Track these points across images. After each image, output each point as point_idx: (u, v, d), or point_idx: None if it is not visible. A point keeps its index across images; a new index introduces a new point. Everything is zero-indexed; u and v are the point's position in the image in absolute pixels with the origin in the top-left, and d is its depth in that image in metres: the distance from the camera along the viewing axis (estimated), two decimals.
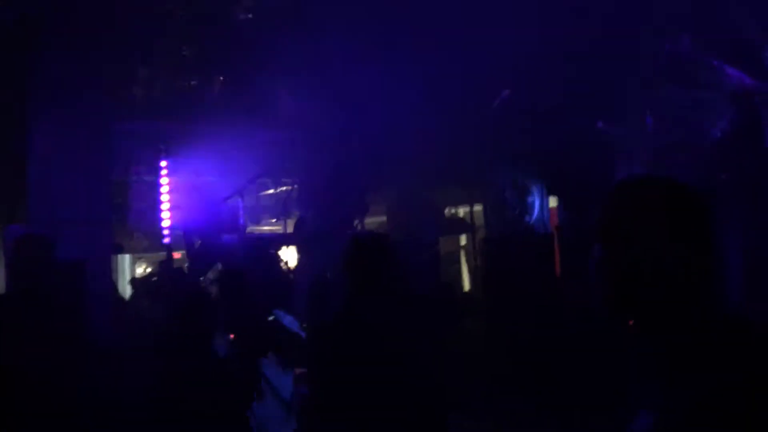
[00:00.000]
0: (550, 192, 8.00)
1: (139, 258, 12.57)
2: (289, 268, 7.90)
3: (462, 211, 10.40)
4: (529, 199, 8.29)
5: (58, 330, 3.81)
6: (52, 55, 7.37)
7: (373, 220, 9.88)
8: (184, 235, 8.42)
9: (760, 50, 5.94)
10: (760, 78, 5.80)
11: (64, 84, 7.36)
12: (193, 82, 9.51)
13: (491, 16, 6.86)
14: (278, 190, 9.31)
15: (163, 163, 8.64)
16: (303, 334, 4.35)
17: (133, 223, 9.28)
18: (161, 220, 8.39)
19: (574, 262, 6.63)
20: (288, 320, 4.28)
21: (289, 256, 8.39)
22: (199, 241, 8.40)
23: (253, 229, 8.54)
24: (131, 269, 12.35)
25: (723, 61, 5.94)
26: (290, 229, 8.80)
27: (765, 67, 5.83)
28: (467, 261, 10.46)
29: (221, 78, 9.54)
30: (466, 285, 10.78)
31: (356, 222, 7.83)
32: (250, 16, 8.66)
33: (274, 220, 9.51)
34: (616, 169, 6.89)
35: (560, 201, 7.95)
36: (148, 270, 12.04)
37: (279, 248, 8.00)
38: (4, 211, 7.47)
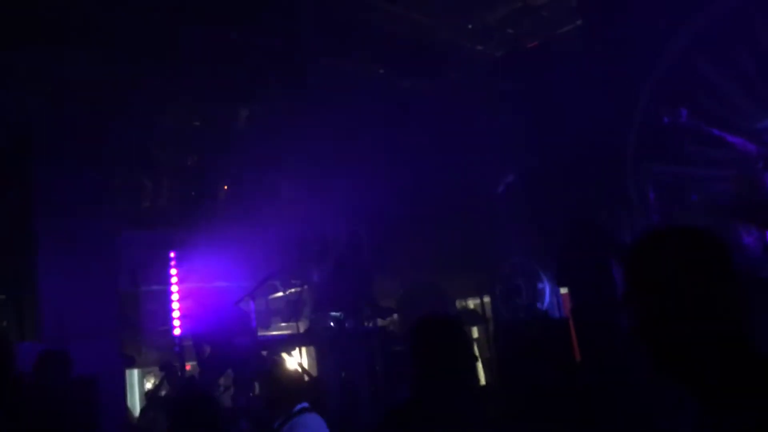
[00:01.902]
0: (560, 281, 7.99)
1: (149, 372, 12.37)
2: (304, 369, 7.76)
3: (472, 302, 10.32)
4: (540, 285, 8.25)
5: None
6: (55, 173, 7.54)
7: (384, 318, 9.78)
8: (194, 342, 8.34)
9: (753, 121, 6.08)
10: (760, 145, 5.90)
11: (68, 200, 7.50)
12: (197, 190, 9.67)
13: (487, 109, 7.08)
14: (288, 292, 9.28)
15: (173, 272, 8.65)
16: None
17: (142, 335, 9.21)
18: (172, 329, 8.33)
19: (593, 344, 6.52)
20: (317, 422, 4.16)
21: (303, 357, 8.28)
22: (209, 348, 8.30)
23: (264, 333, 8.45)
24: (141, 384, 12.14)
25: (722, 131, 6.07)
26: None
27: (761, 137, 5.95)
28: (481, 353, 10.28)
29: (225, 185, 9.71)
30: (482, 378, 10.56)
31: (367, 319, 7.75)
32: (248, 124, 8.91)
33: (284, 324, 9.43)
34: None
35: (570, 285, 7.92)
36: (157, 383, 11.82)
37: (293, 350, 7.90)
38: (14, 327, 7.43)
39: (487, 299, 9.34)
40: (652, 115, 6.79)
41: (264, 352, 7.73)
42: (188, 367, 9.27)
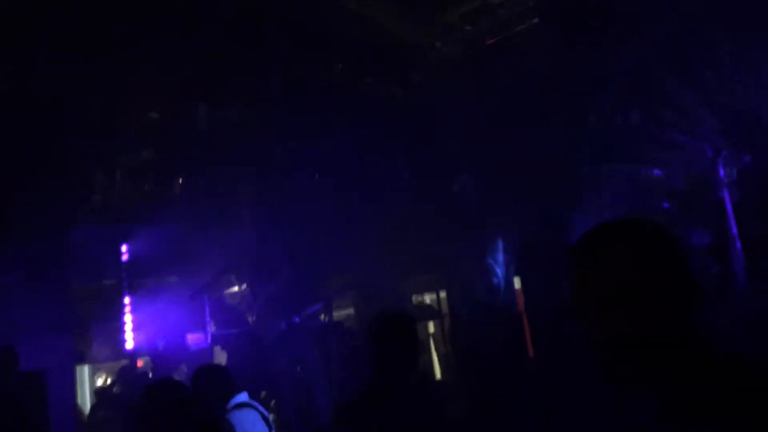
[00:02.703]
0: (516, 272, 8.08)
1: (99, 368, 12.14)
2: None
3: (429, 297, 10.38)
4: (495, 281, 8.34)
5: None
6: (3, 165, 7.35)
7: (341, 313, 9.80)
8: (147, 339, 8.22)
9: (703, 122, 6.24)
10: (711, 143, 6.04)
11: (18, 192, 7.32)
12: (152, 185, 9.51)
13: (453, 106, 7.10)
14: (244, 287, 9.20)
15: (125, 266, 8.51)
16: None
17: (94, 331, 9.03)
18: (123, 324, 8.19)
19: (545, 340, 6.62)
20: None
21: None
22: (162, 344, 8.19)
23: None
24: (91, 380, 11.90)
25: (677, 133, 6.20)
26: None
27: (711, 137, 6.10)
28: (437, 348, 10.36)
29: (180, 179, 9.57)
30: (438, 372, 10.64)
31: (323, 314, 7.76)
32: (207, 121, 8.81)
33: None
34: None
35: (524, 281, 8.02)
36: (109, 380, 11.61)
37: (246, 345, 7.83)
38: None
39: (443, 294, 9.42)
40: (606, 117, 6.92)
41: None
42: (140, 363, 9.13)
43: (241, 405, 3.99)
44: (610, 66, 6.85)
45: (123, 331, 8.23)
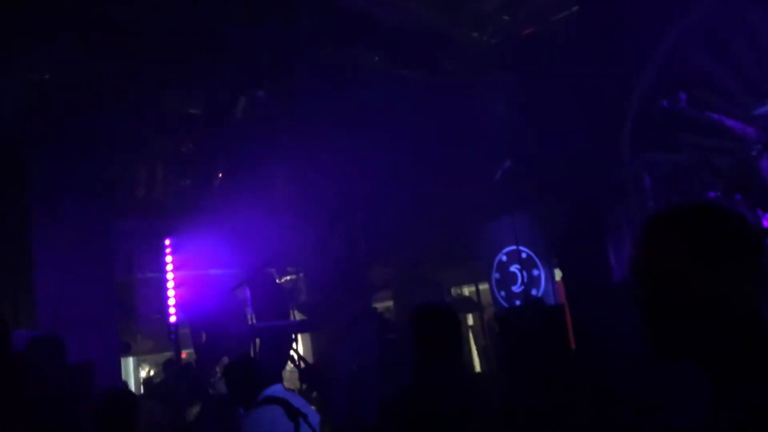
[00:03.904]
0: (557, 264, 8.00)
1: (144, 360, 12.39)
2: (300, 357, 7.78)
3: (467, 290, 10.35)
4: (535, 272, 8.27)
5: None
6: (48, 163, 7.51)
7: (381, 305, 9.81)
8: (191, 330, 8.34)
9: (750, 108, 6.09)
10: (759, 130, 5.91)
11: (62, 190, 7.48)
12: (192, 179, 9.64)
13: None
14: (283, 280, 9.29)
15: (168, 259, 8.64)
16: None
17: (138, 322, 9.20)
18: (168, 316, 8.32)
19: (588, 331, 6.54)
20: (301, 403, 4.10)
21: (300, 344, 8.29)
22: (205, 335, 8.30)
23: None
24: (135, 372, 12.14)
25: (720, 116, 6.07)
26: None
27: (758, 122, 5.95)
28: (476, 340, 10.33)
29: (220, 173, 9.68)
30: (477, 365, 10.61)
31: (366, 307, 7.78)
32: (245, 112, 8.87)
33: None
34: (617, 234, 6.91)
35: (564, 272, 7.94)
36: (152, 372, 11.83)
37: (289, 337, 7.90)
38: (10, 317, 7.41)
39: (483, 286, 9.37)
40: (649, 102, 6.79)
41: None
42: (184, 354, 9.27)
43: (268, 400, 3.87)
44: (651, 50, 6.72)
45: (166, 324, 8.36)
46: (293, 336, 7.90)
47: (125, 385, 7.69)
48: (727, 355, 1.29)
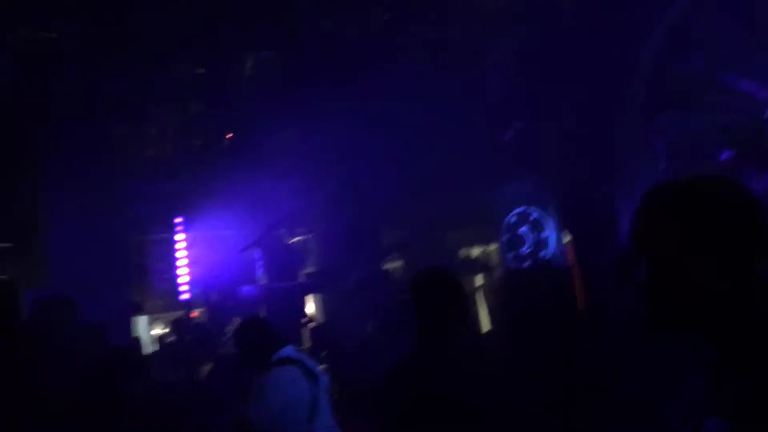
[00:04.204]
0: (564, 226, 7.99)
1: (156, 319, 12.53)
2: (309, 318, 7.86)
3: (476, 251, 10.35)
4: (544, 234, 8.27)
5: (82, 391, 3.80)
6: (59, 126, 7.53)
7: (390, 265, 9.85)
8: (202, 290, 8.44)
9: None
10: None
11: (75, 150, 7.51)
12: (202, 140, 9.64)
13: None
14: (293, 241, 9.34)
15: (178, 220, 8.69)
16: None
17: (150, 282, 9.31)
18: (178, 276, 8.41)
19: (597, 293, 6.55)
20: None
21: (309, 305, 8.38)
22: (216, 296, 8.40)
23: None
24: (148, 330, 12.28)
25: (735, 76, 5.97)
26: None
27: None
28: (486, 301, 10.38)
29: (230, 133, 9.67)
30: (486, 326, 10.66)
31: (377, 268, 7.81)
32: (253, 72, 8.81)
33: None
34: (628, 199, 6.87)
35: (574, 233, 7.92)
36: (166, 330, 11.97)
37: (300, 298, 7.97)
38: (24, 277, 7.52)
39: (492, 247, 9.37)
40: (662, 62, 6.68)
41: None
42: (196, 313, 9.38)
43: (284, 360, 3.92)
44: (665, 7, 6.59)
45: (177, 284, 8.46)
46: (303, 297, 7.96)
47: (137, 341, 7.79)
48: (733, 327, 1.29)
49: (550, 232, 8.23)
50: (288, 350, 4.02)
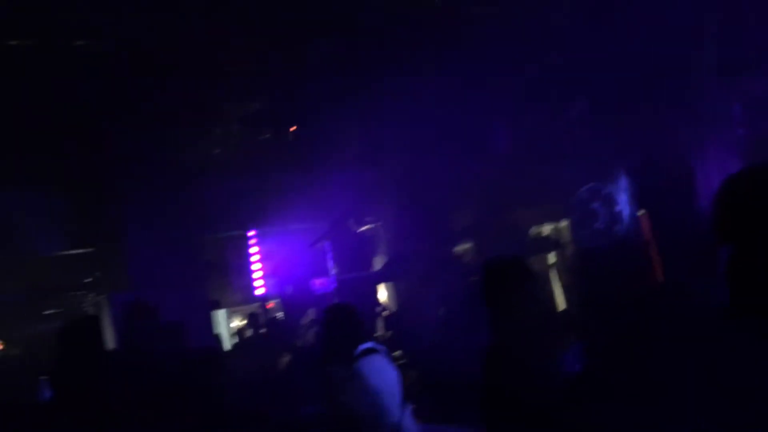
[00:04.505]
0: (639, 200, 7.76)
1: (234, 312, 12.81)
2: (383, 307, 7.90)
3: (547, 228, 10.18)
4: (617, 209, 8.05)
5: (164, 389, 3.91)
6: (131, 128, 7.73)
7: (460, 248, 9.79)
8: (276, 284, 8.58)
9: None
10: None
11: (148, 155, 7.70)
12: (266, 134, 9.73)
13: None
14: (362, 230, 9.37)
15: (250, 217, 8.85)
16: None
17: (226, 278, 9.51)
18: (253, 272, 8.58)
19: (676, 267, 6.37)
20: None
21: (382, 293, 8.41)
22: (291, 289, 8.53)
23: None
24: (226, 323, 12.57)
25: None
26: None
27: None
28: (560, 279, 10.22)
29: (294, 127, 9.73)
30: (561, 304, 10.50)
31: (448, 252, 7.77)
32: (313, 63, 8.82)
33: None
34: (705, 168, 6.62)
35: (648, 207, 7.70)
36: (243, 323, 12.25)
37: (373, 287, 8.01)
38: (106, 278, 7.82)
39: (563, 224, 9.19)
40: (737, 22, 6.39)
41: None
42: (271, 305, 9.55)
43: (370, 350, 3.91)
44: None
45: (252, 279, 8.62)
46: (375, 286, 8.00)
47: (218, 339, 7.99)
48: None
49: (623, 206, 8.01)
50: (369, 344, 4.02)
